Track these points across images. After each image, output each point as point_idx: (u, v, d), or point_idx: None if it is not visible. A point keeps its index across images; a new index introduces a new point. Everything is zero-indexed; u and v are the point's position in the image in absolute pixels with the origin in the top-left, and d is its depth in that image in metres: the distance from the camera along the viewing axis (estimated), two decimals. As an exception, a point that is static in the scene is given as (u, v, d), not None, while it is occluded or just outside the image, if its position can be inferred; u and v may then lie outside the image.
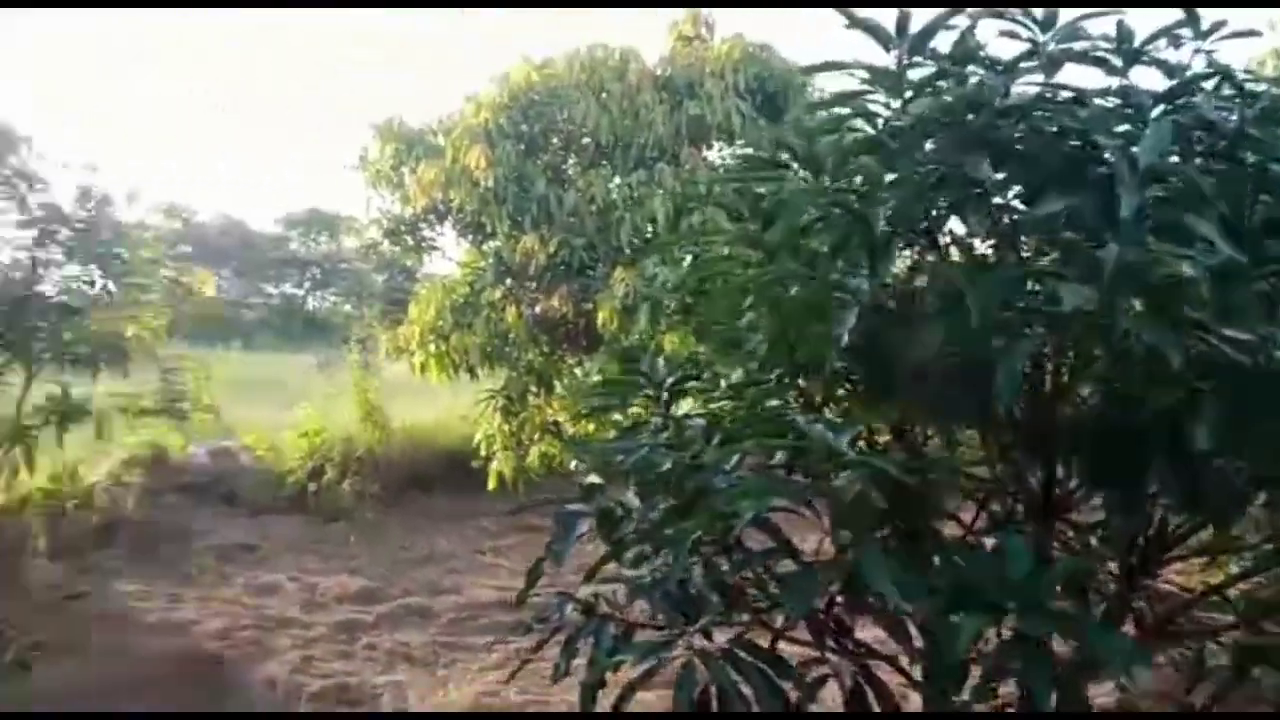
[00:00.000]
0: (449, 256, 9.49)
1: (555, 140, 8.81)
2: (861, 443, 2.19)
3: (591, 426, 8.60)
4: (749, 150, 8.53)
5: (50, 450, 6.75)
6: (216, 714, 5.19)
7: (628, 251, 7.96)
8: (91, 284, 6.60)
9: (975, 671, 1.91)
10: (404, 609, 7.16)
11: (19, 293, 6.40)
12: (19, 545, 7.62)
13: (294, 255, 38.59)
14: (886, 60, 2.10)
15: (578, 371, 9.03)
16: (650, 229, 7.82)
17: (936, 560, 1.97)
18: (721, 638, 2.26)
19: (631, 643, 2.23)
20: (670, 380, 2.57)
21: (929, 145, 2.08)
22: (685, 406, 2.80)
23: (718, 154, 8.70)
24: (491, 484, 9.15)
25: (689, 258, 7.89)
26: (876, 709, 2.39)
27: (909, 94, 2.02)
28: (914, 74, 2.06)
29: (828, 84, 8.42)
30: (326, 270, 38.24)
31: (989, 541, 2.21)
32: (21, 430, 6.16)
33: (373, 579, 7.79)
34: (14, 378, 6.37)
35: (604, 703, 2.33)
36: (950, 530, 2.30)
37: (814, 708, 2.31)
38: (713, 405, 2.63)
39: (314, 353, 18.32)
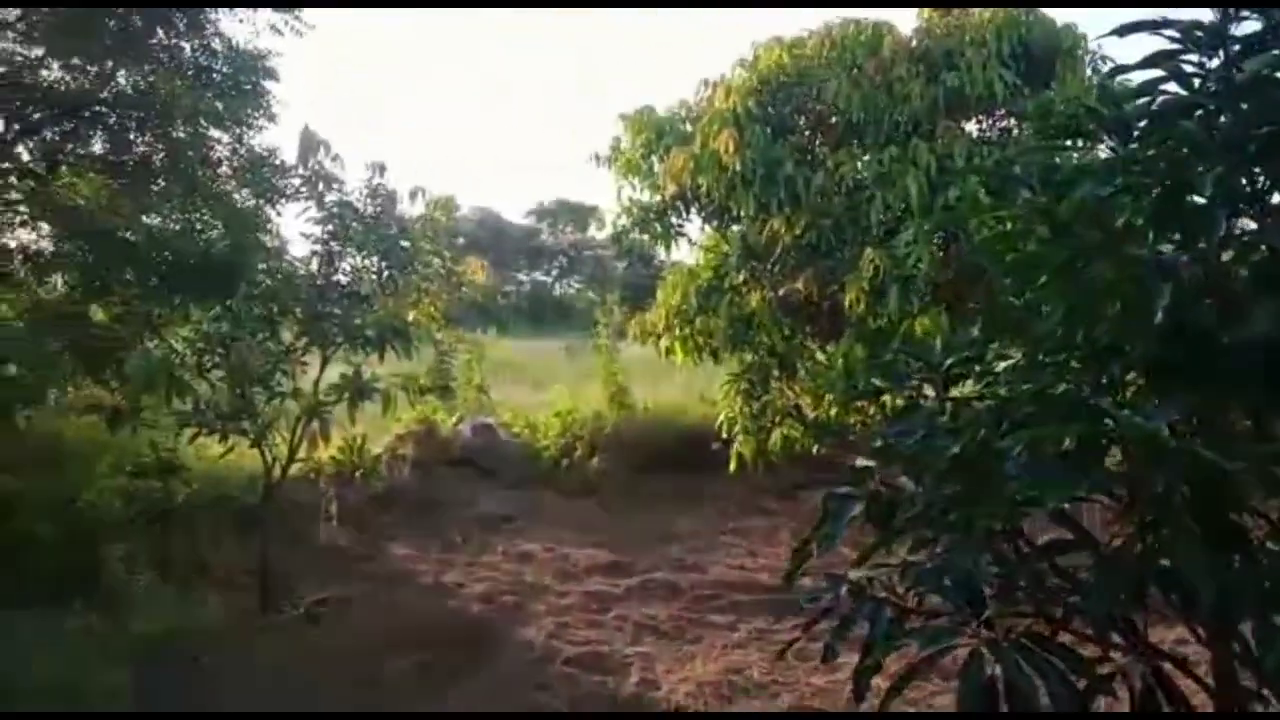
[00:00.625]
0: (695, 242, 9.54)
1: (803, 120, 8.64)
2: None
3: (834, 411, 8.49)
4: (1012, 121, 8.09)
5: (338, 424, 7.34)
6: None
7: (876, 231, 7.69)
8: (378, 273, 7.12)
9: None
10: (650, 583, 7.35)
11: (316, 282, 7.03)
12: (312, 510, 8.50)
13: (544, 245, 40.51)
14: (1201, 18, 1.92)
15: (820, 355, 8.87)
16: (903, 207, 7.50)
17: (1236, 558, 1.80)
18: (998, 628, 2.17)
19: (908, 629, 2.18)
20: (949, 363, 2.48)
21: (1243, 106, 1.89)
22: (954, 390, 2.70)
23: (977, 126, 8.22)
24: (732, 465, 9.19)
25: (940, 236, 7.48)
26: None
27: (1235, 50, 1.83)
28: (1237, 30, 1.87)
29: (1111, 49, 7.78)
30: (572, 258, 39.93)
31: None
32: (318, 406, 6.73)
33: (620, 553, 8.04)
34: (311, 359, 6.97)
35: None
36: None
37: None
38: (991, 390, 2.51)
39: (561, 337, 19.19)
